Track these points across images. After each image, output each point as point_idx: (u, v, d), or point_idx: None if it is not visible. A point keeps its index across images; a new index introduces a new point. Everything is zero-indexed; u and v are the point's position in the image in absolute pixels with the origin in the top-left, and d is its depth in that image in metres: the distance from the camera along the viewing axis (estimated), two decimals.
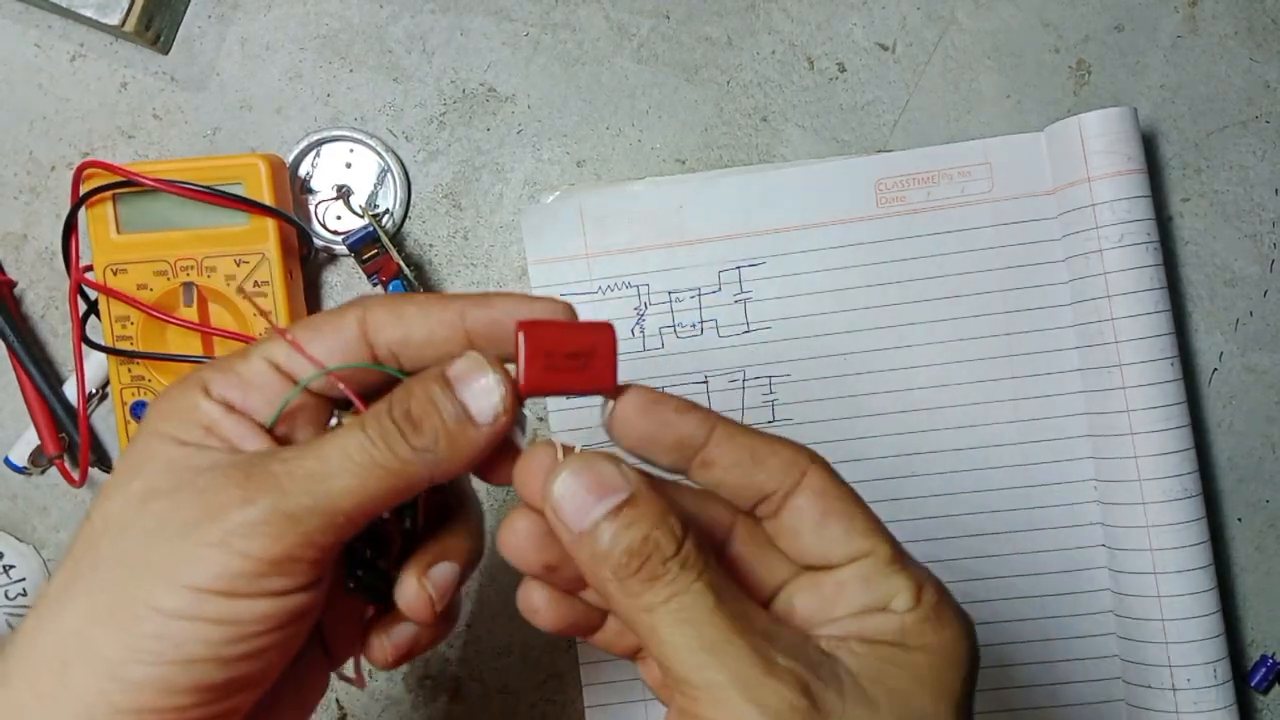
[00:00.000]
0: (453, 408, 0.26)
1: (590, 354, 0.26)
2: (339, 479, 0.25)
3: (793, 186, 0.48)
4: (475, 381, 0.26)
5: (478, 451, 0.26)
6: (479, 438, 0.26)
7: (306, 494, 0.25)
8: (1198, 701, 0.45)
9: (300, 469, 0.25)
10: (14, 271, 0.50)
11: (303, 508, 0.25)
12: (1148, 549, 0.45)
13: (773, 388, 0.48)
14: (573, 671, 0.49)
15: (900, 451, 0.48)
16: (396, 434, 0.26)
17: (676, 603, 0.25)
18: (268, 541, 0.24)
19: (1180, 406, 0.45)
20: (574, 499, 0.25)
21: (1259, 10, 0.49)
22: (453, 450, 0.26)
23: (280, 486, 0.25)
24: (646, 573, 0.25)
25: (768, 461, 0.27)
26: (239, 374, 0.27)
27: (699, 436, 0.27)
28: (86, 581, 0.25)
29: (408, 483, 0.26)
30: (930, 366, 0.48)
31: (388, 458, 0.25)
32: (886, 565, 0.27)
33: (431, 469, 0.26)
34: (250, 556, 0.24)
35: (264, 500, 0.24)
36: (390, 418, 0.26)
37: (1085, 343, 0.46)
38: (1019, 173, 0.47)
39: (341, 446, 0.26)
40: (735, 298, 0.48)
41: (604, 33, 0.49)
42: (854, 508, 0.27)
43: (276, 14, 0.50)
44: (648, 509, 0.25)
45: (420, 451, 0.26)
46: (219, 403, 0.27)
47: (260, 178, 0.45)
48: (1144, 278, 0.45)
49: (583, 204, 0.48)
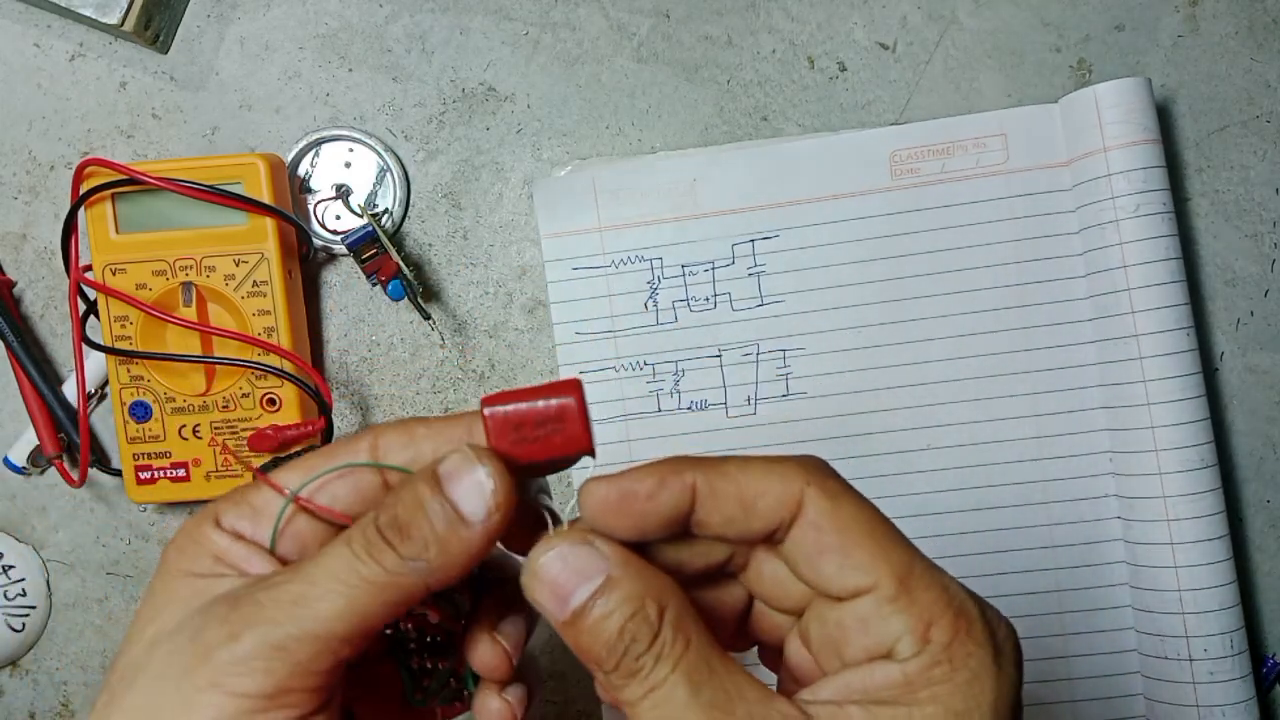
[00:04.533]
0: (442, 509, 0.24)
1: (560, 418, 0.25)
2: (325, 601, 0.24)
3: (806, 159, 0.48)
4: (465, 478, 0.25)
5: (474, 553, 0.25)
6: (472, 539, 0.24)
7: (293, 621, 0.23)
8: (1214, 672, 0.45)
9: (285, 595, 0.24)
10: (13, 271, 0.50)
11: (290, 637, 0.23)
12: (1164, 520, 0.45)
13: (787, 361, 0.48)
14: (574, 672, 0.49)
15: (915, 425, 0.48)
16: (382, 544, 0.24)
17: (652, 699, 0.24)
18: (259, 677, 0.23)
19: (1197, 377, 0.45)
20: (551, 589, 0.24)
21: (1259, 10, 0.49)
22: (446, 556, 0.24)
23: (266, 616, 0.24)
24: (624, 670, 0.24)
25: (759, 505, 0.25)
26: (250, 504, 0.27)
27: (682, 506, 0.25)
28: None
29: (403, 595, 0.24)
30: (944, 339, 0.48)
31: (375, 572, 0.24)
32: (887, 604, 0.24)
33: (426, 578, 0.24)
34: (243, 695, 0.23)
35: (249, 635, 0.23)
36: (376, 527, 0.25)
37: (1101, 314, 0.46)
38: (1034, 144, 0.47)
39: (327, 565, 0.24)
40: (749, 271, 0.48)
41: (604, 32, 0.49)
42: (854, 536, 0.25)
43: (276, 13, 0.49)
44: (626, 591, 0.24)
45: (410, 560, 0.24)
46: (229, 533, 0.26)
47: (259, 177, 0.45)
48: (1160, 248, 0.45)
49: (595, 177, 0.48)
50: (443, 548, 0.24)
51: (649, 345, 0.48)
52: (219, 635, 0.24)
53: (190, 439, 0.47)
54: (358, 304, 0.50)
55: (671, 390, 0.48)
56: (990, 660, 0.24)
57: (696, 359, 0.48)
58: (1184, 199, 0.49)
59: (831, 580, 0.25)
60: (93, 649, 0.51)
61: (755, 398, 0.48)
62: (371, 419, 0.50)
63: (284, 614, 0.24)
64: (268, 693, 0.23)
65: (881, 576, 0.24)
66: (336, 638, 0.24)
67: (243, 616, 0.24)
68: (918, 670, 0.24)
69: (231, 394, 0.46)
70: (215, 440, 0.47)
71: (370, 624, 0.24)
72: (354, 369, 0.50)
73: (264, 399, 0.46)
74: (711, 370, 0.48)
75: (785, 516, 0.25)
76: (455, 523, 0.24)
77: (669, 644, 0.24)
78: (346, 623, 0.24)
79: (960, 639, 0.24)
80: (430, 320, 0.48)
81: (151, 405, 0.46)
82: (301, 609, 0.24)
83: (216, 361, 0.46)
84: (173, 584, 0.26)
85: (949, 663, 0.24)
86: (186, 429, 0.47)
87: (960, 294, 0.48)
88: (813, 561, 0.25)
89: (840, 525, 0.25)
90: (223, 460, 0.47)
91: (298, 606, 0.24)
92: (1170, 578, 0.45)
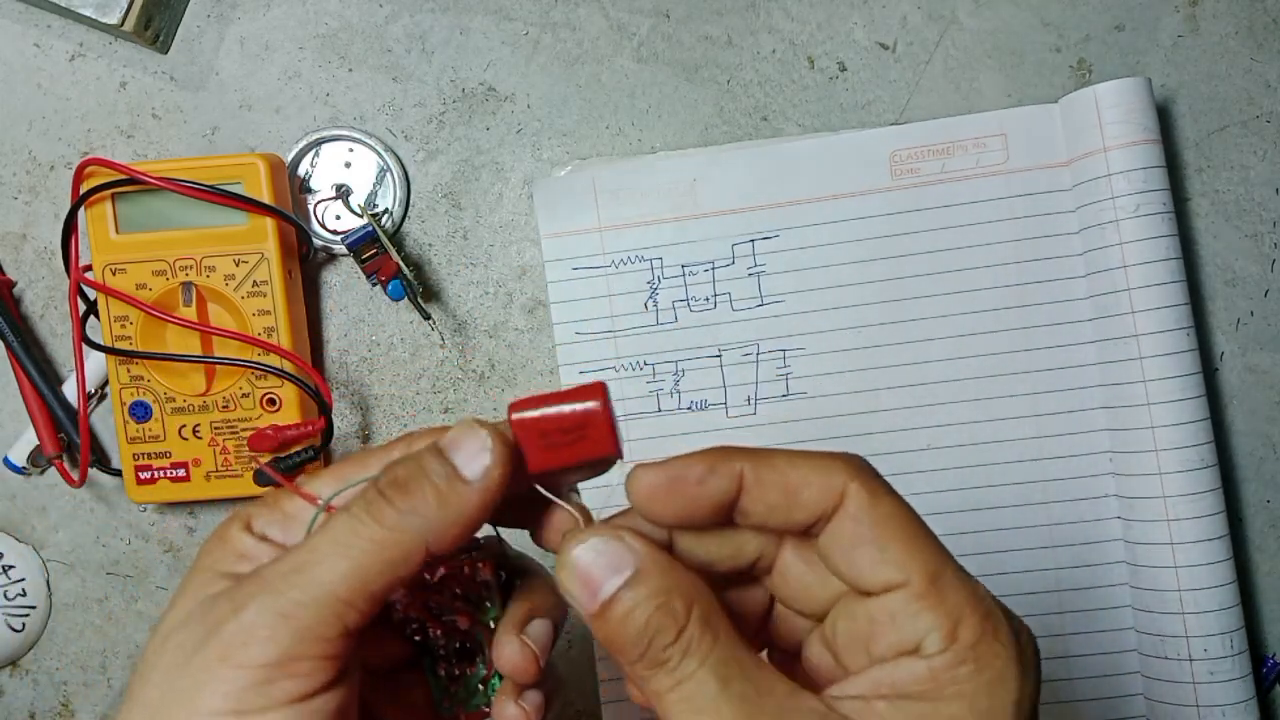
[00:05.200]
0: (441, 467, 0.25)
1: (586, 423, 0.26)
2: (326, 564, 0.24)
3: (806, 159, 0.48)
4: (467, 442, 0.25)
5: (472, 511, 0.25)
6: (470, 494, 0.25)
7: (295, 588, 0.24)
8: (1214, 672, 0.45)
9: (287, 565, 0.24)
10: (13, 271, 0.50)
11: (293, 603, 0.24)
12: (1164, 520, 0.45)
13: (787, 361, 0.48)
14: (575, 673, 0.49)
15: (915, 425, 0.48)
16: (381, 502, 0.25)
17: (681, 690, 0.24)
18: (266, 646, 0.23)
19: (1197, 377, 0.45)
20: (583, 580, 0.25)
21: (1259, 10, 0.49)
22: (444, 510, 0.25)
23: (268, 586, 0.24)
24: (649, 660, 0.24)
25: (802, 495, 0.26)
26: (283, 509, 0.28)
27: (730, 492, 0.26)
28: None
29: (403, 554, 0.25)
30: (945, 339, 0.48)
31: (374, 530, 0.25)
32: (917, 600, 0.25)
33: (424, 534, 0.25)
34: (252, 666, 0.23)
35: (252, 605, 0.24)
36: (376, 488, 0.25)
37: (1101, 314, 0.46)
38: (1034, 144, 0.47)
39: (328, 533, 0.25)
40: (749, 271, 0.48)
41: (604, 32, 0.49)
42: (890, 531, 0.25)
43: (275, 13, 0.49)
44: (654, 585, 0.25)
45: (407, 514, 0.25)
46: (258, 537, 0.27)
47: (259, 177, 0.45)
48: (1160, 248, 0.45)
49: (595, 177, 0.48)
50: (441, 501, 0.25)
51: (649, 345, 0.48)
52: (225, 611, 0.24)
53: (190, 439, 0.47)
54: (358, 304, 0.50)
55: (671, 390, 0.48)
56: (1015, 662, 0.24)
57: (696, 359, 0.48)
58: (1184, 199, 0.49)
59: (864, 573, 0.26)
60: (93, 649, 0.51)
61: (755, 398, 0.48)
62: (371, 419, 0.50)
63: (286, 582, 0.24)
64: (275, 661, 0.23)
65: (913, 573, 0.25)
66: (340, 600, 0.24)
67: (247, 591, 0.24)
68: (944, 666, 0.24)
69: (231, 394, 0.46)
70: (215, 440, 0.47)
71: (372, 587, 0.24)
72: (354, 369, 0.50)
73: (264, 399, 0.46)
74: (711, 370, 0.48)
75: (827, 508, 0.26)
76: (454, 479, 0.25)
77: (696, 638, 0.24)
78: (348, 585, 0.24)
79: (986, 640, 0.24)
80: (430, 320, 0.48)
81: (151, 405, 0.46)
82: (303, 575, 0.24)
83: (216, 361, 0.46)
84: (195, 580, 0.26)
85: (975, 661, 0.24)
86: (186, 429, 0.47)
87: (960, 294, 0.48)
88: (848, 554, 0.26)
89: (878, 520, 0.26)
90: (222, 461, 0.47)
91: (299, 573, 0.24)
92: (1170, 578, 0.45)
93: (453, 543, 0.25)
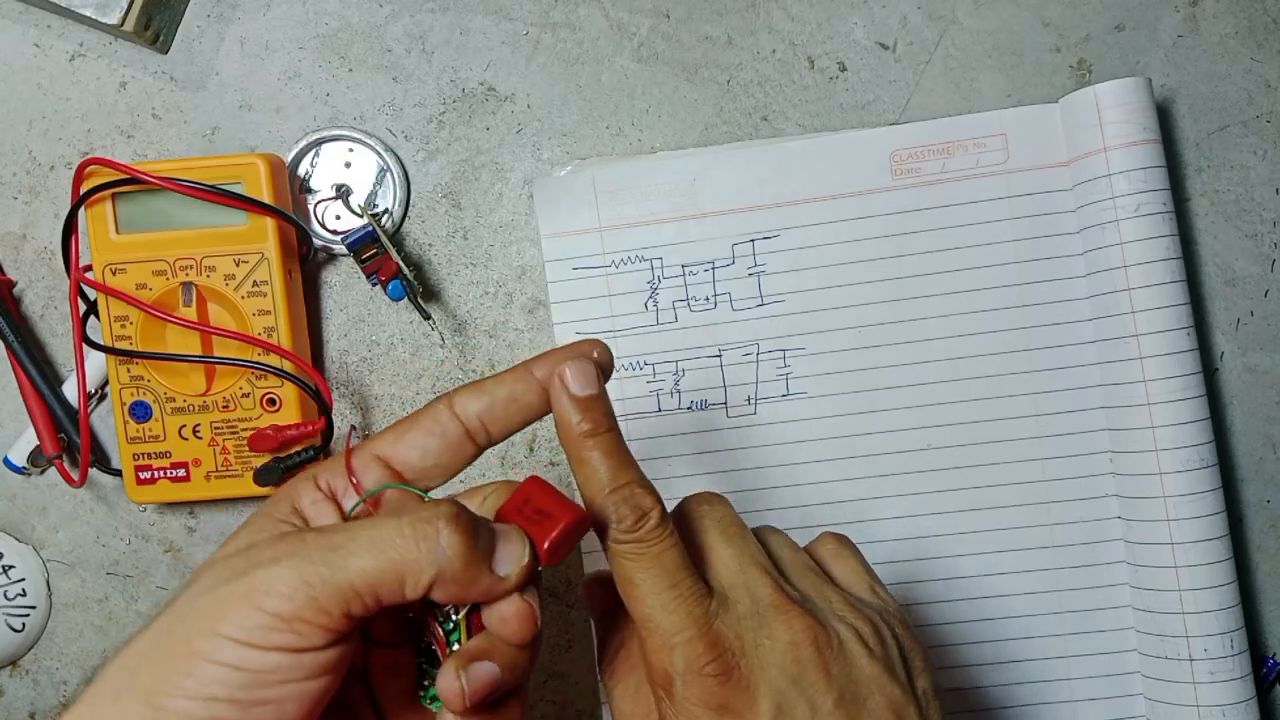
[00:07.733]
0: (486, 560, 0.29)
1: (549, 514, 0.30)
2: (356, 556, 0.27)
3: (807, 159, 0.48)
4: (512, 546, 0.30)
5: (483, 592, 0.29)
6: (490, 583, 0.29)
7: (325, 565, 0.27)
8: (1214, 672, 0.45)
9: (327, 541, 0.28)
10: (13, 271, 0.50)
11: (318, 576, 0.27)
12: (1164, 520, 0.45)
13: (787, 361, 0.48)
14: (574, 672, 0.49)
15: (915, 425, 0.48)
16: (433, 537, 0.28)
17: (652, 559, 0.31)
18: (282, 601, 0.27)
19: (1197, 377, 0.45)
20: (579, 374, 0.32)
21: (1259, 10, 0.49)
22: (464, 569, 0.28)
23: (304, 553, 0.27)
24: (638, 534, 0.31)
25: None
26: (343, 478, 0.32)
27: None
28: (152, 627, 0.28)
29: (414, 580, 0.28)
30: (945, 339, 0.48)
31: (409, 550, 0.28)
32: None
33: (438, 577, 0.28)
34: (265, 611, 0.26)
35: (287, 562, 0.27)
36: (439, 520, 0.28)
37: (1101, 314, 0.46)
38: (1034, 144, 0.47)
39: (372, 531, 0.28)
40: (749, 271, 0.48)
41: (604, 32, 0.49)
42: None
43: (275, 13, 0.49)
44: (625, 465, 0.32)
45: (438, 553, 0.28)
46: (322, 490, 0.32)
47: (259, 177, 0.45)
48: (1160, 248, 0.45)
49: (595, 177, 0.48)
50: (466, 563, 0.28)
51: (649, 345, 0.48)
52: (264, 556, 0.28)
53: (190, 439, 0.47)
54: (358, 304, 0.50)
55: (671, 390, 0.48)
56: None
57: (696, 359, 0.48)
58: (1184, 199, 0.49)
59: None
60: (93, 649, 0.51)
61: (755, 398, 0.48)
62: (371, 419, 0.50)
63: (320, 556, 0.27)
64: (286, 616, 0.27)
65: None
66: (353, 589, 0.27)
67: (289, 547, 0.28)
68: None
69: (231, 394, 0.46)
70: (215, 440, 0.47)
71: (380, 590, 0.27)
72: (354, 369, 0.50)
73: (264, 399, 0.46)
74: (711, 370, 0.48)
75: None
76: (487, 570, 0.29)
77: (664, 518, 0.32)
78: (367, 581, 0.27)
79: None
80: (430, 320, 0.48)
81: (151, 405, 0.46)
82: (334, 556, 0.27)
83: (216, 361, 0.46)
84: (256, 520, 0.31)
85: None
86: (186, 429, 0.47)
87: (960, 294, 0.48)
88: None
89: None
90: (222, 461, 0.47)
91: (332, 553, 0.27)
92: (1170, 578, 0.45)
93: (455, 601, 0.30)
